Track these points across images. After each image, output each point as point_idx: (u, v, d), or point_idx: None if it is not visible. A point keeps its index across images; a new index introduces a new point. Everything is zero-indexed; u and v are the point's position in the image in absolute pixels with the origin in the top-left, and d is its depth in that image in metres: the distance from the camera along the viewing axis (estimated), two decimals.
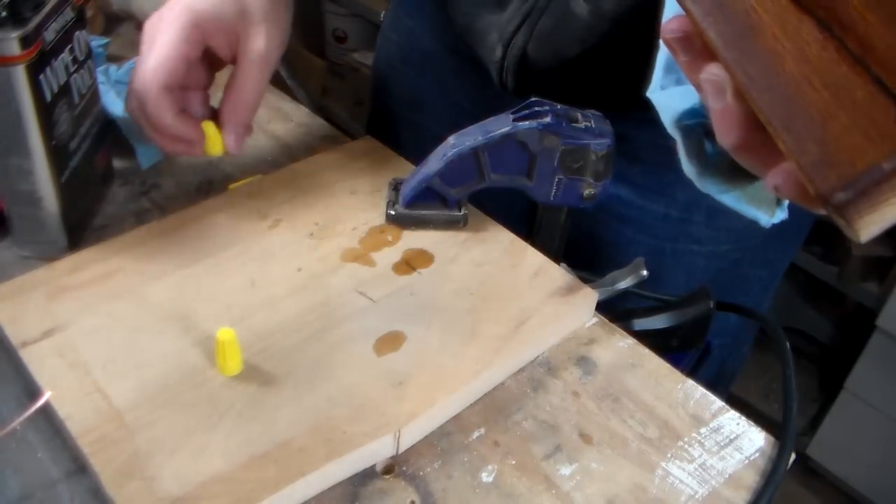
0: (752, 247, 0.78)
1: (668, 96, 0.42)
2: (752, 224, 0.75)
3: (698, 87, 0.35)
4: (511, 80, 0.69)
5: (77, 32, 0.59)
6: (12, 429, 0.48)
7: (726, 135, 0.34)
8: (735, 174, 0.40)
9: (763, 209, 0.42)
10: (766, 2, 0.31)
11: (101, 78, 0.74)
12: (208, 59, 0.63)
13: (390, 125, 0.89)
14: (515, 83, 0.69)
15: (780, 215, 0.42)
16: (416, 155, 0.64)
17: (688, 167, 0.40)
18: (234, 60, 0.62)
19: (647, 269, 0.61)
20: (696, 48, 0.34)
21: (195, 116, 0.62)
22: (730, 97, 0.33)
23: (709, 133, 0.40)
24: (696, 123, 0.40)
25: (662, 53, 0.42)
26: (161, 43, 0.58)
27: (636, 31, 0.62)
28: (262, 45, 0.61)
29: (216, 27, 0.59)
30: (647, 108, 0.51)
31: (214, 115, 0.63)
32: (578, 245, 0.80)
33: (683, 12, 0.35)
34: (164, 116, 0.59)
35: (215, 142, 0.61)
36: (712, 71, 0.33)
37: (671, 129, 0.42)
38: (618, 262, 0.63)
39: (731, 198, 0.42)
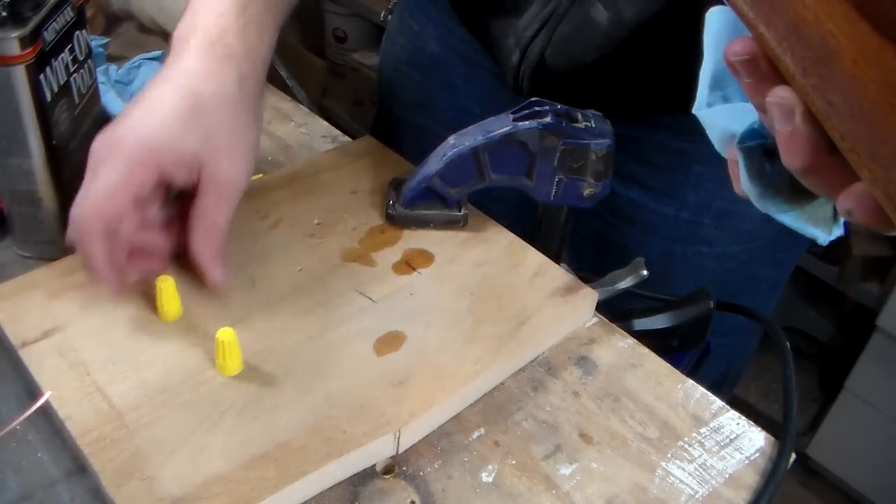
0: (760, 247, 0.78)
1: (716, 114, 0.42)
2: (761, 224, 0.75)
3: (761, 109, 0.34)
4: (527, 84, 0.69)
5: (77, 32, 0.59)
6: (12, 429, 0.48)
7: (793, 158, 0.33)
8: (795, 194, 0.40)
9: (821, 227, 0.42)
10: (845, 27, 0.30)
11: (101, 78, 0.74)
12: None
13: (396, 129, 0.89)
14: (531, 88, 0.69)
15: (837, 233, 0.42)
16: (423, 159, 0.64)
17: (749, 188, 0.40)
18: (195, 188, 0.55)
19: (657, 271, 0.60)
20: (761, 71, 0.33)
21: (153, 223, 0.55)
22: (799, 120, 0.32)
23: (767, 153, 0.39)
24: (757, 144, 0.40)
25: (707, 70, 0.42)
26: (105, 179, 0.51)
27: (654, 39, 0.62)
28: (230, 172, 0.55)
29: (175, 160, 0.52)
30: (660, 112, 0.50)
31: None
32: (589, 247, 0.80)
33: (732, 28, 0.34)
34: (97, 263, 0.51)
35: (171, 303, 0.53)
36: (780, 94, 0.32)
37: (721, 146, 0.41)
38: (628, 264, 0.62)
39: (790, 217, 0.41)
